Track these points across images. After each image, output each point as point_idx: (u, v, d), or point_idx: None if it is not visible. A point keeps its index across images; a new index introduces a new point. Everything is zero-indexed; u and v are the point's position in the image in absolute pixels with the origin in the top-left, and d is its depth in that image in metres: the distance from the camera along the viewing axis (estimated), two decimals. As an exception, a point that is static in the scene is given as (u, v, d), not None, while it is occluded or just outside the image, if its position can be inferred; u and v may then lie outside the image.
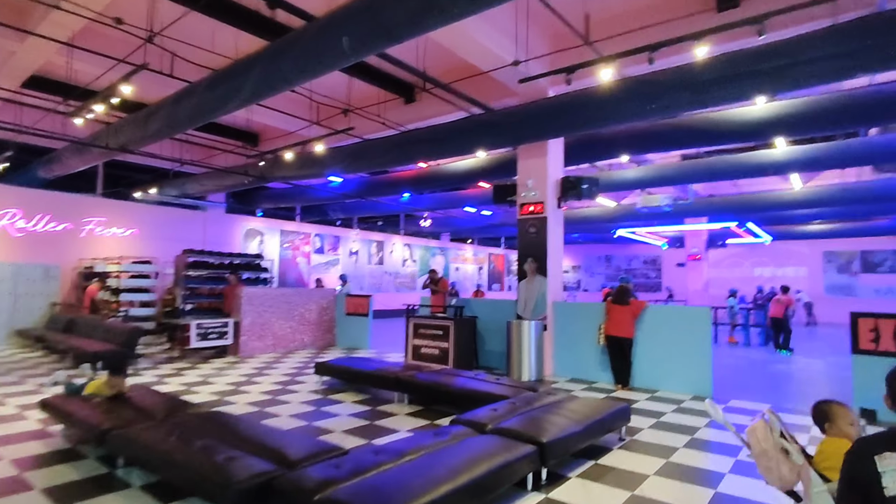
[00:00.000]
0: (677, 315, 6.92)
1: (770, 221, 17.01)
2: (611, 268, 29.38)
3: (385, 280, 20.72)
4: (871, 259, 21.97)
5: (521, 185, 8.29)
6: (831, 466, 2.02)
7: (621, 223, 17.48)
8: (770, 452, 2.12)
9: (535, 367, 7.45)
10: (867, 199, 12.95)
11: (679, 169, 11.45)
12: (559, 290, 8.19)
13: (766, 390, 7.14)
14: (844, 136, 9.95)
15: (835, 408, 2.24)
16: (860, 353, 5.62)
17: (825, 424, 2.26)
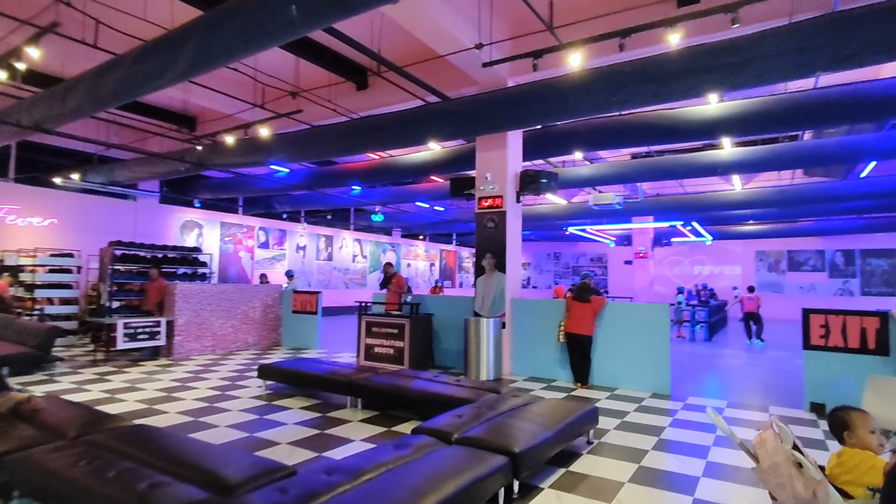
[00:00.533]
0: (636, 312, 6.87)
1: (711, 221, 17.69)
2: (560, 265, 29.86)
3: (334, 276, 20.02)
4: (796, 258, 23.39)
5: (479, 179, 8.01)
6: (852, 481, 1.83)
7: (573, 221, 17.65)
8: (782, 467, 1.91)
9: (494, 365, 7.21)
10: (799, 202, 13.63)
11: (630, 167, 11.57)
12: (518, 287, 7.99)
13: (720, 386, 7.22)
14: (787, 139, 10.34)
15: (854, 415, 2.07)
16: (811, 348, 5.72)
17: (844, 433, 2.07)
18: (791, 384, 7.27)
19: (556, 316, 7.24)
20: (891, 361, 5.30)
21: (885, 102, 6.72)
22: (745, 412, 5.61)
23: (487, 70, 7.13)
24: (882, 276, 21.74)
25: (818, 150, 9.67)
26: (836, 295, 22.37)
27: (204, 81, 8.59)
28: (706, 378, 7.76)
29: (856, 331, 5.49)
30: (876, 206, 15.37)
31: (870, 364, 5.41)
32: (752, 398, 6.36)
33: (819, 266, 22.93)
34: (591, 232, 18.94)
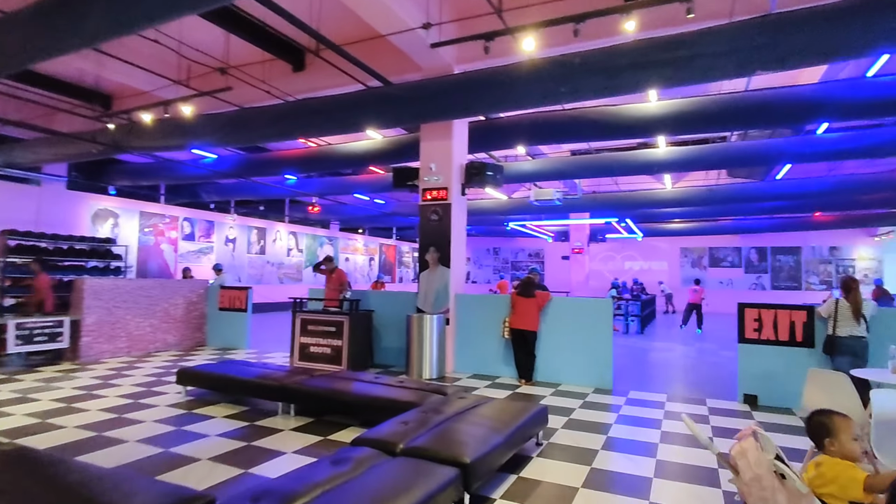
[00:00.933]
0: (580, 307, 6.84)
1: (643, 219, 18.39)
2: (499, 260, 30.17)
3: (267, 271, 19.02)
4: (717, 255, 24.94)
5: (423, 169, 7.70)
6: (833, 494, 1.70)
7: (513, 216, 17.74)
8: (765, 479, 1.76)
9: (437, 363, 6.95)
10: (723, 200, 14.41)
11: (570, 163, 11.68)
12: (462, 282, 7.77)
13: (658, 379, 7.36)
14: (719, 140, 10.80)
15: (837, 420, 1.95)
16: (746, 341, 5.89)
17: (825, 440, 1.95)
18: (722, 376, 7.54)
19: (501, 312, 7.09)
20: (815, 353, 5.54)
21: (803, 106, 7.09)
22: (684, 405, 5.69)
23: (433, 56, 6.83)
24: (789, 271, 23.57)
25: (743, 151, 10.17)
26: (751, 289, 24.06)
27: (121, 54, 7.70)
28: (644, 371, 7.91)
29: (786, 324, 5.70)
30: (787, 206, 16.55)
31: (797, 356, 5.64)
32: (689, 391, 6.50)
33: (736, 262, 24.55)
34: (530, 227, 19.16)
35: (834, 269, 22.94)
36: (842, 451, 1.88)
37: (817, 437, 2.00)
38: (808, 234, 22.64)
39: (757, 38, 4.89)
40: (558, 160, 11.83)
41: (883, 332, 5.24)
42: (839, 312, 5.16)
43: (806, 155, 9.71)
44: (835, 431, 1.92)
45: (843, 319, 5.14)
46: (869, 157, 10.60)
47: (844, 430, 1.91)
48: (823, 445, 1.96)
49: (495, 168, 7.63)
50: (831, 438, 1.93)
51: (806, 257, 23.34)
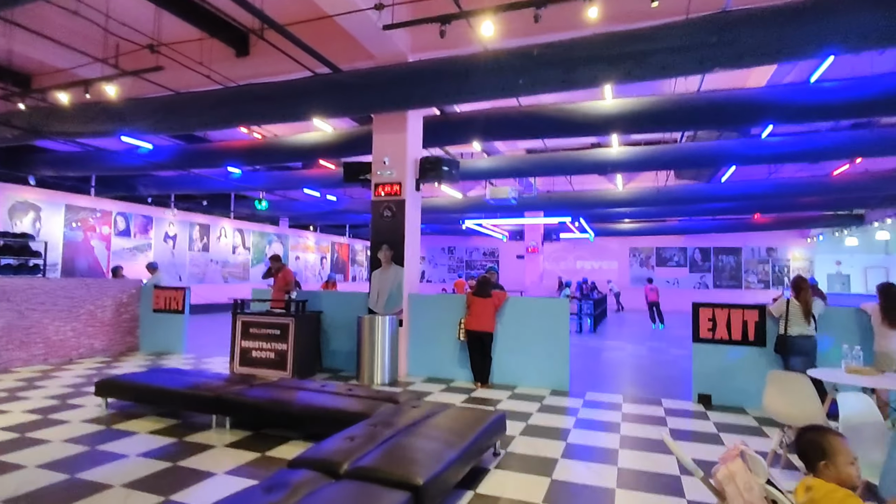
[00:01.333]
0: (536, 307, 6.67)
1: (596, 218, 18.68)
2: (454, 259, 30.03)
3: (211, 269, 18.04)
4: (663, 255, 25.77)
5: (376, 163, 7.33)
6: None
7: (468, 214, 17.57)
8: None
9: (390, 367, 6.61)
10: (671, 201, 14.80)
11: (526, 162, 11.60)
12: (416, 281, 7.46)
13: (613, 379, 7.31)
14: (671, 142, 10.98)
15: (834, 441, 1.77)
16: (700, 341, 5.88)
17: (820, 463, 1.76)
18: (675, 375, 7.59)
19: (456, 312, 6.83)
20: (766, 352, 5.59)
21: (751, 108, 7.24)
22: (641, 406, 5.61)
23: (386, 42, 6.49)
24: (730, 271, 24.62)
25: (692, 152, 10.38)
26: (695, 288, 25.00)
27: (36, 26, 6.91)
28: (599, 371, 7.86)
29: (738, 323, 5.73)
30: (729, 207, 17.24)
31: (750, 355, 5.67)
32: (644, 391, 6.46)
33: (682, 262, 25.44)
34: (485, 226, 19.07)
35: (771, 268, 24.13)
36: (838, 476, 1.70)
37: (810, 458, 1.81)
38: (748, 235, 23.73)
39: (713, 34, 4.85)
40: (514, 158, 11.72)
41: (828, 330, 5.33)
42: (790, 312, 5.20)
43: (750, 157, 10.01)
44: (831, 453, 1.74)
45: (794, 319, 5.18)
46: (806, 160, 11.08)
47: (841, 451, 1.74)
48: (816, 467, 1.78)
49: (451, 163, 7.36)
50: (827, 462, 1.74)
51: (746, 257, 24.44)
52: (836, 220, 19.96)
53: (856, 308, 5.37)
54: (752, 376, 5.64)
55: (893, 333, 4.78)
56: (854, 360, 3.93)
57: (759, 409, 5.50)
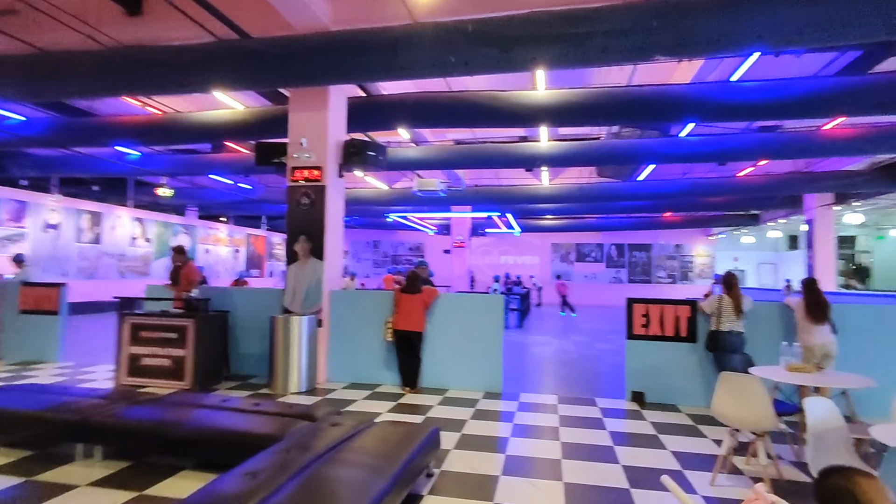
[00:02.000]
0: (469, 304, 6.28)
1: (521, 214, 18.77)
2: (378, 253, 29.28)
3: (105, 263, 16.04)
4: (582, 250, 26.70)
5: (292, 145, 6.57)
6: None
7: (394, 207, 16.96)
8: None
9: (307, 373, 5.93)
10: (593, 198, 15.15)
11: (455, 153, 11.21)
12: (338, 276, 6.80)
13: (546, 378, 7.10)
14: (610, 137, 11.10)
15: (865, 485, 1.42)
16: (634, 338, 5.76)
17: None
18: (605, 371, 7.53)
19: (383, 310, 6.28)
20: (698, 348, 5.57)
21: (677, 104, 7.31)
22: (577, 407, 5.38)
23: (305, 10, 5.76)
24: (642, 266, 25.95)
25: (615, 149, 10.51)
26: (611, 282, 26.12)
27: None
28: (530, 369, 7.64)
29: (671, 319, 5.66)
30: (645, 206, 18.01)
31: (682, 351, 5.63)
32: (578, 389, 6.28)
33: (599, 257, 26.47)
34: (412, 220, 18.53)
35: (678, 264, 25.69)
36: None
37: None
38: (658, 232, 25.11)
39: (654, 19, 4.66)
40: (442, 149, 11.29)
41: (753, 325, 5.38)
42: (722, 308, 5.18)
43: (669, 156, 10.29)
44: (865, 501, 1.40)
45: (725, 315, 5.17)
46: (719, 160, 11.64)
47: (878, 497, 1.40)
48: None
49: (378, 148, 6.77)
50: None
51: (656, 253, 25.86)
52: (736, 219, 21.55)
53: (780, 303, 5.47)
54: (684, 373, 5.60)
55: (816, 328, 4.87)
56: (794, 358, 3.87)
57: (691, 407, 5.47)
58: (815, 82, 6.99)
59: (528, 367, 7.73)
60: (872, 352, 5.17)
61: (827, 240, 15.30)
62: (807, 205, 15.56)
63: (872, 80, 6.82)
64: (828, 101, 6.89)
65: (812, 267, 15.38)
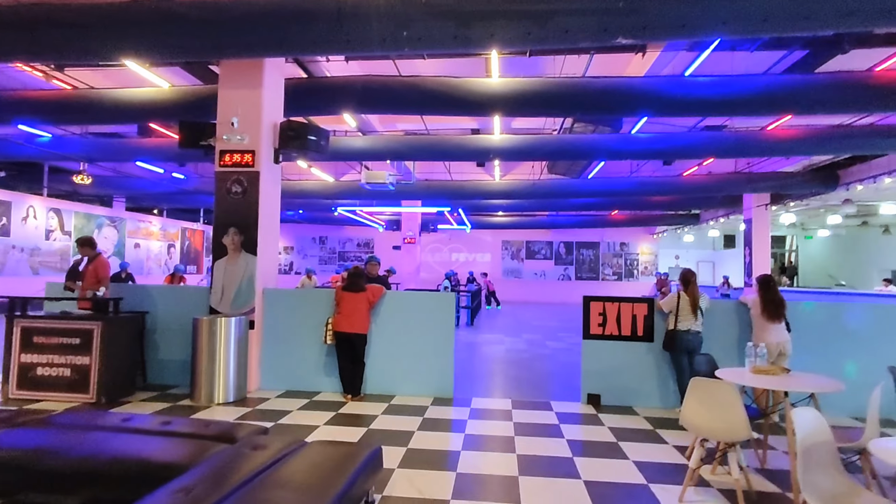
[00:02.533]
0: (418, 302, 5.83)
1: (472, 209, 18.52)
2: (325, 250, 28.31)
3: (14, 258, 14.44)
4: (532, 248, 26.86)
5: (222, 125, 5.88)
6: None
7: (341, 201, 16.25)
8: None
9: (235, 381, 5.30)
10: (544, 194, 15.09)
11: (405, 143, 10.71)
12: (273, 273, 6.17)
13: (498, 380, 6.76)
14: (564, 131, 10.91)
15: None
16: (591, 337, 5.50)
17: None
18: (559, 371, 7.29)
19: (323, 310, 5.72)
20: (655, 347, 5.37)
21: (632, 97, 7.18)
22: (532, 413, 5.05)
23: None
24: (589, 264, 26.39)
25: (568, 144, 10.36)
26: (560, 280, 26.42)
27: None
28: (482, 371, 7.29)
29: (628, 318, 5.44)
30: (594, 203, 18.18)
31: (638, 351, 5.41)
32: (531, 392, 5.97)
33: (548, 255, 26.70)
34: (361, 214, 17.85)
35: (623, 261, 26.30)
36: None
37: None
38: (605, 230, 25.59)
39: (618, 0, 4.37)
40: (392, 139, 10.77)
41: (708, 323, 5.24)
42: (680, 307, 5.00)
43: (620, 152, 10.24)
44: None
45: (683, 313, 4.98)
46: (667, 157, 11.74)
47: None
48: None
49: (320, 132, 6.18)
50: None
51: (603, 251, 26.36)
52: (678, 218, 22.23)
53: (735, 301, 5.35)
54: (641, 374, 5.39)
55: (772, 326, 4.76)
56: (759, 359, 3.67)
57: (647, 409, 5.26)
58: (765, 79, 7.01)
59: (480, 369, 7.38)
60: (823, 348, 5.14)
61: (764, 238, 15.92)
62: (746, 205, 16.12)
63: (818, 79, 6.90)
64: (776, 98, 6.93)
65: (750, 264, 15.96)
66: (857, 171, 12.74)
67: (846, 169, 13.08)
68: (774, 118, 9.28)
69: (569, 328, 12.95)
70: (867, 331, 5.22)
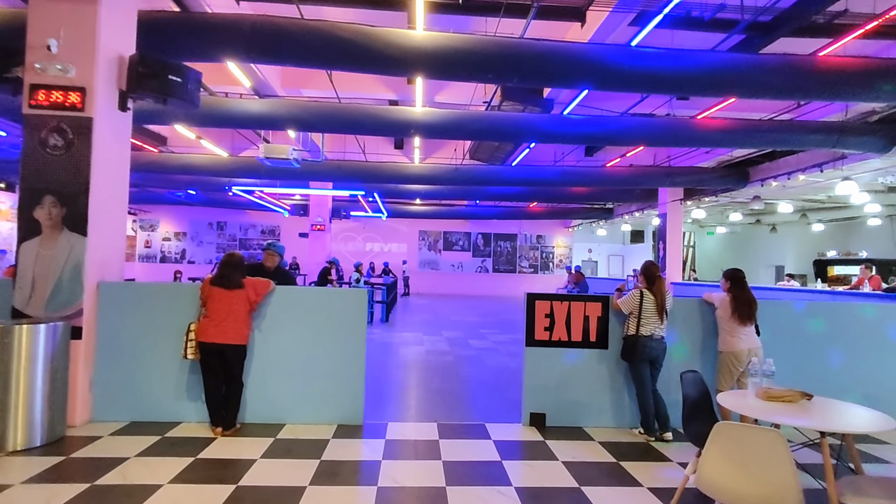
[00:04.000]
0: (320, 301, 4.49)
1: (388, 195, 17.10)
2: (224, 236, 25.56)
3: None
4: (450, 239, 26.10)
5: (34, 49, 4.11)
6: None
7: (239, 180, 14.16)
8: None
9: (46, 416, 3.66)
10: (466, 181, 14.16)
11: (311, 111, 9.12)
12: (116, 261, 4.51)
13: (422, 395, 5.60)
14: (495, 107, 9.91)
15: None
16: (535, 344, 4.49)
17: None
18: (489, 379, 6.29)
19: (185, 312, 4.20)
20: (608, 355, 4.48)
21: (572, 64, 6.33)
22: (464, 443, 3.95)
23: None
24: (507, 256, 26.10)
25: (497, 123, 9.36)
26: (477, 272, 25.87)
27: None
28: (400, 382, 6.09)
29: (579, 320, 4.50)
30: (514, 193, 17.55)
31: (590, 360, 4.49)
32: (462, 410, 4.89)
33: (466, 246, 26.05)
34: (262, 196, 15.78)
35: (540, 254, 26.29)
36: None
37: None
38: (523, 222, 25.37)
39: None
40: (295, 105, 9.13)
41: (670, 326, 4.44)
42: (644, 308, 4.12)
43: (552, 134, 9.46)
44: None
45: (647, 316, 4.12)
46: (598, 142, 11.22)
47: None
48: None
49: (184, 72, 4.59)
50: None
51: (520, 243, 26.16)
52: (594, 212, 22.40)
53: (698, 298, 4.60)
54: (592, 388, 4.48)
55: (743, 329, 4.03)
56: (765, 380, 2.81)
57: (599, 429, 4.36)
58: (714, 56, 6.44)
59: (397, 380, 6.17)
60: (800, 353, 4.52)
61: (677, 233, 16.15)
62: (661, 199, 16.26)
63: (765, 60, 6.44)
64: (723, 77, 6.38)
65: (664, 258, 16.14)
66: (766, 168, 13.07)
67: (756, 167, 13.41)
68: (719, 100, 8.94)
69: (490, 324, 12.14)
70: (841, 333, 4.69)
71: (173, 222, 25.16)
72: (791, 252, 22.62)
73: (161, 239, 25.21)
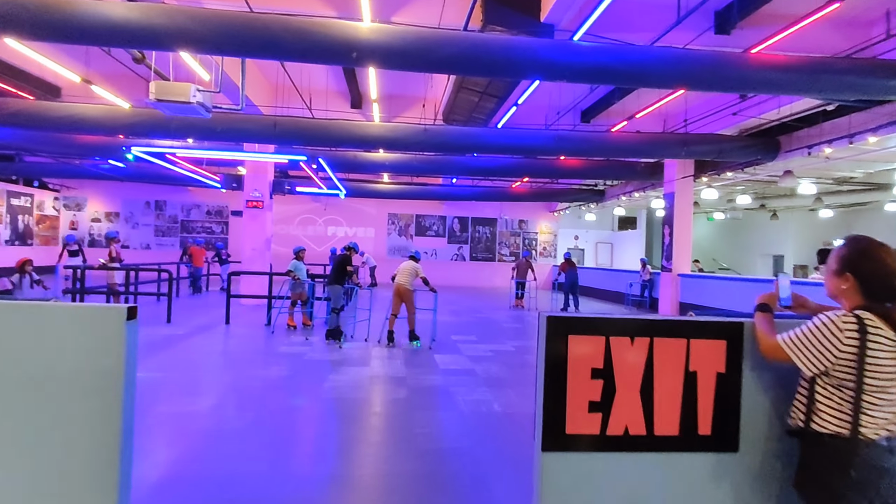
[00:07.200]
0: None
1: (345, 168, 14.10)
2: (163, 218, 22.33)
3: None
4: (423, 223, 23.40)
5: None
6: None
7: (140, 139, 11.02)
8: None
9: None
10: (440, 146, 11.33)
11: (211, 24, 6.18)
12: None
13: (365, 482, 2.83)
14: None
15: None
16: (564, 447, 1.72)
17: None
18: (465, 450, 3.53)
19: None
20: (744, 467, 1.78)
21: None
22: None
23: None
24: (486, 242, 23.50)
25: (481, 47, 6.43)
26: (453, 259, 23.21)
27: None
28: (329, 450, 3.31)
29: (675, 382, 1.73)
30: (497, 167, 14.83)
31: (698, 480, 1.78)
32: None
33: (441, 231, 23.38)
34: (178, 163, 12.60)
35: (521, 241, 23.73)
36: None
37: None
38: (504, 205, 22.74)
39: None
40: (181, 11, 6.15)
41: None
42: (872, 365, 1.42)
43: (558, 66, 6.60)
44: None
45: (879, 389, 1.41)
46: (624, 81, 8.50)
47: None
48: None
49: None
50: None
51: (500, 229, 23.58)
52: (582, 194, 19.87)
53: None
54: None
55: None
56: None
57: None
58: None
59: (276, 454, 3.38)
60: None
61: (687, 216, 13.62)
62: (668, 176, 13.70)
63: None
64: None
65: (670, 246, 13.64)
66: (803, 136, 10.56)
67: (790, 134, 10.91)
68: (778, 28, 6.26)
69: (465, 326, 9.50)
70: None
71: (103, 201, 21.78)
72: (792, 240, 20.49)
73: (89, 220, 21.82)
